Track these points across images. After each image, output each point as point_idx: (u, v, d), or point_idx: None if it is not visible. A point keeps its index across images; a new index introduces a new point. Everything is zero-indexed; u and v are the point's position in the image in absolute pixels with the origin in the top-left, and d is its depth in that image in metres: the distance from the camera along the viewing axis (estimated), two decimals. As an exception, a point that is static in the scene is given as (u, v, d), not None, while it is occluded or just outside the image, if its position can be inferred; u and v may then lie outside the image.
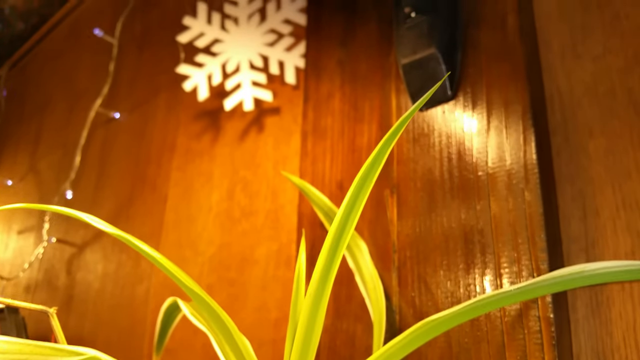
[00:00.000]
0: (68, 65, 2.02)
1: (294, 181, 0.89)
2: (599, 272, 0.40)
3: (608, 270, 0.40)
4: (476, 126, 0.75)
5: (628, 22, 0.71)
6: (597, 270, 0.40)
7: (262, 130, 1.17)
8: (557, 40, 0.77)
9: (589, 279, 0.41)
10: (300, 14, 1.11)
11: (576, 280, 0.42)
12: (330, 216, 0.85)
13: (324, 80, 0.98)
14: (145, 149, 1.48)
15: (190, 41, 1.20)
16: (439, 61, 0.77)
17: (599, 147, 0.70)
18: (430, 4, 0.80)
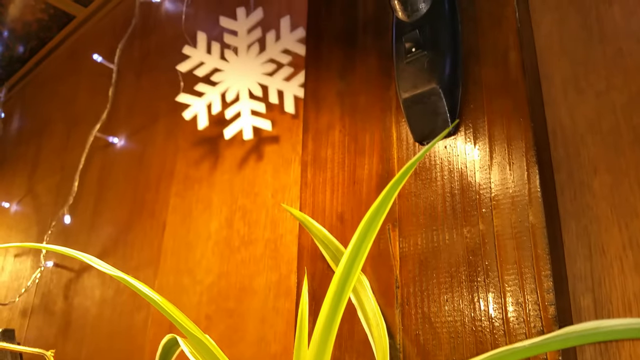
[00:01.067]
0: (66, 89, 2.02)
1: (294, 214, 0.88)
2: (615, 329, 0.39)
3: (624, 327, 0.39)
4: (478, 162, 0.74)
5: (631, 59, 0.71)
6: (613, 327, 0.39)
7: (261, 159, 1.16)
8: (559, 75, 0.76)
9: (603, 336, 0.40)
10: (299, 44, 1.11)
11: (590, 337, 0.40)
12: (331, 249, 0.84)
13: (324, 111, 0.98)
14: (143, 175, 1.47)
15: (190, 70, 1.19)
16: (440, 96, 0.77)
17: (604, 184, 0.69)
18: (431, 40, 0.79)
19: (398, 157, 0.84)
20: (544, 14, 0.81)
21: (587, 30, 0.76)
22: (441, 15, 0.80)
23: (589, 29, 0.76)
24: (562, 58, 0.77)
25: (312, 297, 0.87)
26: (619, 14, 0.74)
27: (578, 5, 0.78)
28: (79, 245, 1.60)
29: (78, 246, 1.61)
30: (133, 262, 1.38)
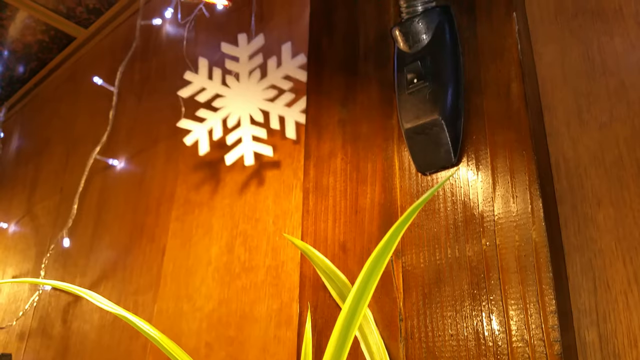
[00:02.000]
0: (66, 110, 2.02)
1: (296, 243, 0.87)
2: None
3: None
4: (481, 194, 0.74)
5: (634, 91, 0.71)
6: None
7: (262, 184, 1.16)
8: (561, 106, 0.77)
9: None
10: (300, 71, 1.11)
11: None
12: (334, 279, 0.84)
13: (325, 139, 0.98)
14: (143, 198, 1.47)
15: (192, 96, 1.19)
16: (443, 127, 0.77)
17: (607, 217, 0.69)
18: (433, 71, 0.79)
19: (400, 186, 0.84)
20: (546, 44, 0.81)
21: (590, 61, 0.76)
22: (443, 46, 0.81)
23: (591, 60, 0.76)
24: (564, 89, 0.77)
25: (314, 328, 0.86)
26: (620, 47, 0.74)
27: (580, 37, 0.78)
28: (78, 269, 1.59)
29: (77, 269, 1.60)
30: (132, 286, 1.37)
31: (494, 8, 0.81)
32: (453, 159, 0.77)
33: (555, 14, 0.81)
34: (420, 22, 0.82)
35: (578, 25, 0.78)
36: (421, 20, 0.82)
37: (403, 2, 0.82)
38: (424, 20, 0.82)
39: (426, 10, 0.82)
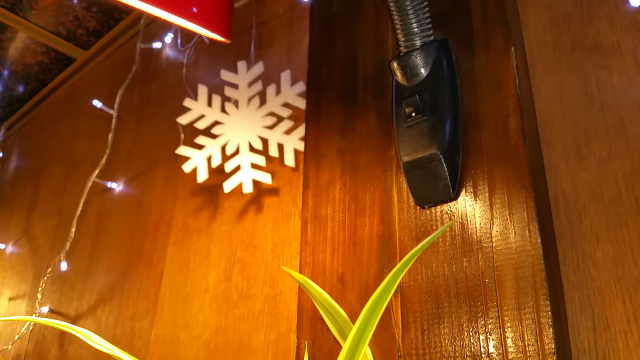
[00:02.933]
0: (66, 131, 2.02)
1: (294, 276, 0.87)
2: None
3: None
4: (480, 230, 0.74)
5: (632, 127, 0.71)
6: None
7: (261, 211, 1.15)
8: (560, 141, 0.77)
9: None
10: (299, 98, 1.11)
11: None
12: (332, 313, 0.83)
13: (324, 168, 0.98)
14: (141, 222, 1.46)
15: (191, 123, 1.20)
16: (441, 162, 0.77)
17: (607, 255, 0.68)
18: (431, 105, 0.80)
19: (399, 219, 0.83)
20: (544, 78, 0.81)
21: (588, 96, 0.76)
22: (441, 80, 0.81)
23: (589, 95, 0.76)
24: (563, 123, 0.77)
25: (311, 361, 0.86)
26: (618, 82, 0.74)
27: (578, 71, 0.78)
28: (75, 292, 1.58)
29: (74, 293, 1.59)
30: (129, 311, 1.36)
31: (492, 42, 0.81)
32: (452, 194, 0.77)
33: (553, 47, 0.82)
34: (419, 56, 0.82)
35: (576, 59, 0.79)
36: (419, 54, 0.82)
37: (401, 36, 0.83)
38: (422, 54, 0.82)
39: (424, 44, 0.82)
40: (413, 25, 0.81)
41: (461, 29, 0.85)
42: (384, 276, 0.81)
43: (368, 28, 1.01)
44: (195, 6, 0.60)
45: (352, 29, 1.03)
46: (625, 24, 0.76)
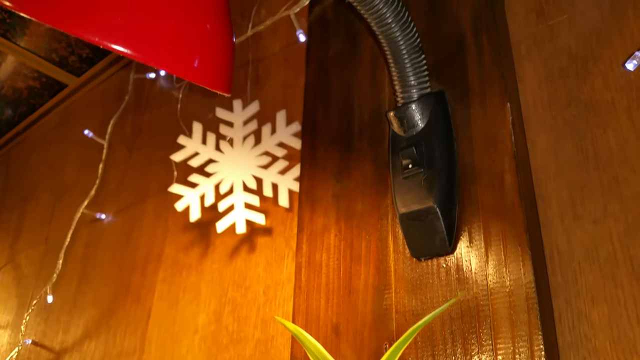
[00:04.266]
0: (55, 156, 2.00)
1: (287, 327, 0.86)
2: None
3: None
4: (476, 285, 0.73)
5: (627, 187, 0.72)
6: None
7: (254, 251, 1.14)
8: (555, 198, 0.77)
9: None
10: (294, 138, 1.11)
11: None
12: (325, 363, 0.82)
13: (319, 213, 0.97)
14: (130, 256, 1.44)
15: (185, 160, 1.19)
16: (438, 215, 0.77)
17: (602, 316, 0.68)
18: (427, 158, 0.80)
19: (395, 269, 0.83)
20: (539, 133, 0.82)
21: (583, 154, 0.77)
22: (437, 133, 0.81)
23: (584, 152, 0.77)
24: (558, 180, 0.78)
25: (304, 413, 0.84)
26: (613, 140, 0.75)
27: (573, 128, 0.79)
28: (61, 325, 1.55)
29: (59, 325, 1.56)
30: (116, 349, 1.34)
31: (487, 95, 0.82)
32: (448, 247, 0.77)
33: (549, 102, 0.83)
34: (416, 108, 0.82)
35: (571, 115, 0.80)
36: (416, 106, 0.82)
37: (398, 87, 0.83)
38: (419, 106, 0.82)
39: (421, 96, 0.83)
40: (410, 78, 0.82)
41: (457, 80, 0.86)
42: (378, 329, 0.81)
43: (364, 74, 1.01)
44: (195, 62, 0.60)
45: (348, 74, 1.04)
46: (620, 82, 0.77)
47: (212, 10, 0.64)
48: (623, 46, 0.78)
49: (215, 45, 0.65)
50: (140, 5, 0.56)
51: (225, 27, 0.66)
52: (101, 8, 0.54)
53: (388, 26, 0.77)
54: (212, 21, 0.64)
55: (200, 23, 0.62)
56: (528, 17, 0.89)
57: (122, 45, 0.52)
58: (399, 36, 0.78)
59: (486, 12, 0.87)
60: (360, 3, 0.75)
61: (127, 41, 0.52)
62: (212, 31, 0.64)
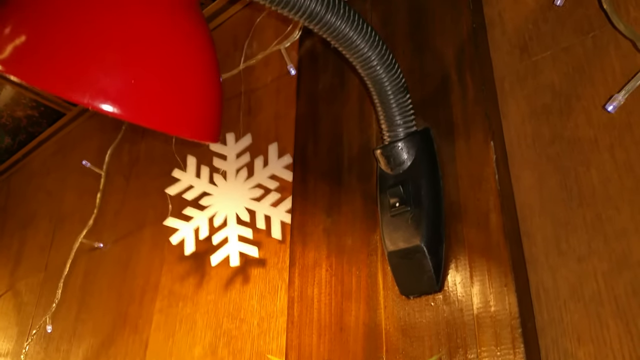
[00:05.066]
0: (54, 184, 2.02)
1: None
2: None
3: None
4: (465, 324, 0.74)
5: (610, 226, 0.73)
6: None
7: (248, 282, 1.15)
8: (540, 235, 0.78)
9: None
10: (286, 171, 1.13)
11: None
12: (318, 401, 0.83)
13: (310, 247, 0.98)
14: (128, 285, 1.45)
15: (179, 193, 1.20)
16: (425, 254, 0.78)
17: (588, 355, 0.69)
18: (414, 197, 0.81)
19: (385, 306, 0.84)
20: (523, 169, 0.83)
21: (567, 191, 0.78)
22: (423, 171, 0.83)
23: (568, 190, 0.78)
24: (542, 216, 0.79)
25: None
26: (596, 178, 0.76)
27: (557, 164, 0.80)
28: (60, 354, 1.56)
29: (59, 355, 1.57)
30: (114, 379, 1.34)
31: (472, 133, 0.83)
32: (436, 286, 0.78)
33: (532, 138, 0.84)
34: (402, 146, 0.84)
35: (555, 152, 0.81)
36: (402, 145, 0.84)
37: (385, 126, 0.85)
38: (405, 144, 0.84)
39: (407, 135, 0.84)
40: (396, 117, 0.83)
41: (442, 118, 0.87)
42: (369, 366, 0.81)
43: (353, 108, 1.03)
44: (183, 118, 0.61)
45: (337, 108, 1.05)
46: (602, 120, 0.78)
47: (199, 61, 0.66)
48: (605, 84, 0.80)
49: (203, 97, 0.66)
50: (129, 65, 0.57)
51: (213, 76, 0.67)
52: (89, 70, 0.55)
53: (373, 69, 0.78)
54: (199, 73, 0.65)
55: (188, 78, 0.64)
56: (512, 52, 0.91)
57: (111, 106, 0.54)
58: (384, 78, 0.79)
59: (469, 49, 0.88)
60: (345, 48, 0.76)
61: (116, 103, 0.53)
62: (200, 84, 0.65)
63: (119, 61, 0.56)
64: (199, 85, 0.65)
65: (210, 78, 0.67)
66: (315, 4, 0.70)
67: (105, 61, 0.56)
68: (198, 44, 0.65)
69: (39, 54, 0.55)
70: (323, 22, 0.72)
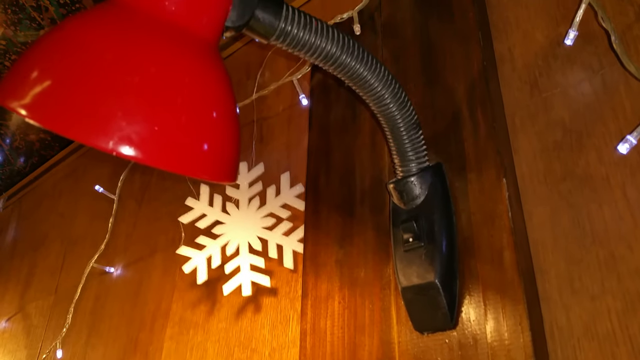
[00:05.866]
0: (65, 206, 2.04)
1: (293, 398, 0.87)
2: None
3: None
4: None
5: (624, 264, 0.73)
6: None
7: (259, 311, 1.16)
8: (554, 272, 0.78)
9: None
10: (298, 200, 1.14)
11: None
12: None
13: (323, 278, 0.99)
14: (138, 311, 1.46)
15: (192, 222, 1.22)
16: (439, 291, 0.78)
17: (603, 395, 0.69)
18: (427, 232, 0.82)
19: (399, 342, 0.84)
20: (536, 205, 0.84)
21: (580, 228, 0.79)
22: (436, 207, 0.83)
23: (581, 227, 0.78)
24: (555, 254, 0.79)
25: None
26: (609, 216, 0.77)
27: (569, 202, 0.81)
28: (69, 379, 1.56)
29: (67, 380, 1.57)
30: (125, 407, 1.35)
31: (484, 169, 0.84)
32: (450, 323, 0.78)
33: (544, 174, 0.85)
34: (415, 181, 0.85)
35: (567, 189, 0.82)
36: (415, 180, 0.85)
37: (397, 161, 0.86)
38: (418, 180, 0.85)
39: (420, 170, 0.85)
40: (409, 153, 0.84)
41: (454, 154, 0.88)
42: (383, 402, 0.82)
43: (364, 140, 1.04)
44: (205, 162, 0.63)
45: (349, 139, 1.07)
46: (614, 158, 0.79)
47: (219, 104, 0.67)
48: (616, 121, 0.80)
49: (224, 140, 0.68)
50: (152, 112, 0.59)
51: (232, 119, 0.69)
52: (114, 117, 0.57)
53: (386, 106, 0.79)
54: (219, 116, 0.67)
55: (209, 122, 0.65)
56: (522, 89, 0.92)
57: (134, 152, 0.55)
58: (397, 115, 0.80)
59: (480, 85, 0.90)
60: (360, 87, 0.78)
61: (139, 148, 0.55)
62: (221, 127, 0.67)
63: (143, 108, 0.58)
64: (220, 129, 0.67)
65: (229, 121, 0.68)
66: (330, 46, 0.72)
67: (130, 108, 0.57)
68: (218, 87, 0.67)
69: (62, 101, 0.57)
70: (338, 63, 0.73)
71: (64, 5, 1.41)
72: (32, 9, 1.42)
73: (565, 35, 0.88)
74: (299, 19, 0.68)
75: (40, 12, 1.41)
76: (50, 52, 0.59)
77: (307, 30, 0.69)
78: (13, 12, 1.41)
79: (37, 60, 0.59)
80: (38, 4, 1.40)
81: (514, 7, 0.99)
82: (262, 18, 0.66)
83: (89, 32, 0.60)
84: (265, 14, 0.66)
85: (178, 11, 0.63)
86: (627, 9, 0.86)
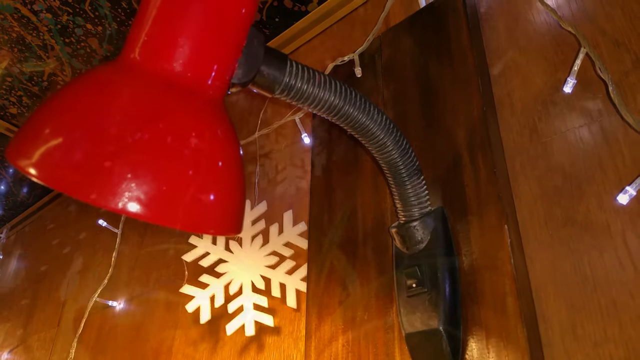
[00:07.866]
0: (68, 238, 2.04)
1: None
2: None
3: None
4: (483, 410, 0.75)
5: (625, 312, 0.74)
6: None
7: (262, 350, 1.16)
8: (556, 318, 0.79)
9: None
10: (300, 238, 1.14)
11: None
12: None
13: (326, 320, 0.99)
14: (141, 347, 1.46)
15: (195, 260, 1.22)
16: (443, 338, 0.79)
17: None
18: (430, 278, 0.82)
19: (401, 387, 0.84)
20: (537, 250, 0.85)
21: (581, 275, 0.79)
22: (439, 252, 0.84)
23: (582, 274, 0.79)
24: (558, 300, 0.80)
25: None
26: (609, 264, 0.77)
27: (570, 248, 0.82)
28: (70, 415, 1.55)
29: (69, 415, 1.56)
30: None
31: (485, 214, 0.85)
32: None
33: (545, 220, 0.85)
34: (417, 226, 0.86)
35: (568, 235, 0.82)
36: (418, 225, 0.86)
37: (400, 206, 0.87)
38: (420, 225, 0.86)
39: (422, 215, 0.86)
40: (411, 198, 0.85)
41: (455, 198, 0.89)
42: None
43: (366, 182, 1.05)
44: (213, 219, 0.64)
45: (351, 180, 1.08)
46: (614, 205, 0.80)
47: (226, 160, 0.68)
48: (615, 169, 0.82)
49: (230, 195, 0.68)
50: (161, 172, 0.59)
51: (238, 173, 0.70)
52: (122, 179, 0.57)
53: (388, 153, 0.81)
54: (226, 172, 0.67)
55: (216, 178, 0.66)
56: (522, 133, 0.93)
57: (141, 212, 0.56)
58: (399, 161, 0.82)
59: (481, 130, 0.91)
60: (362, 135, 0.79)
61: (147, 208, 0.56)
62: (227, 182, 0.67)
63: (152, 167, 0.59)
64: (225, 184, 0.68)
65: (235, 176, 0.69)
66: (333, 97, 0.73)
67: (139, 168, 0.58)
68: (224, 142, 0.68)
69: (70, 163, 0.57)
70: (341, 114, 0.75)
71: (69, 44, 1.43)
72: (38, 48, 1.44)
73: (564, 82, 0.89)
74: (303, 73, 0.70)
75: (46, 51, 1.44)
76: (59, 112, 0.61)
77: (311, 84, 0.71)
78: (20, 51, 1.43)
79: (46, 120, 0.61)
80: (44, 43, 1.42)
81: (512, 52, 1.01)
82: (267, 74, 0.68)
83: (98, 91, 0.62)
84: (270, 69, 0.68)
85: (185, 71, 0.65)
86: (624, 56, 0.87)
